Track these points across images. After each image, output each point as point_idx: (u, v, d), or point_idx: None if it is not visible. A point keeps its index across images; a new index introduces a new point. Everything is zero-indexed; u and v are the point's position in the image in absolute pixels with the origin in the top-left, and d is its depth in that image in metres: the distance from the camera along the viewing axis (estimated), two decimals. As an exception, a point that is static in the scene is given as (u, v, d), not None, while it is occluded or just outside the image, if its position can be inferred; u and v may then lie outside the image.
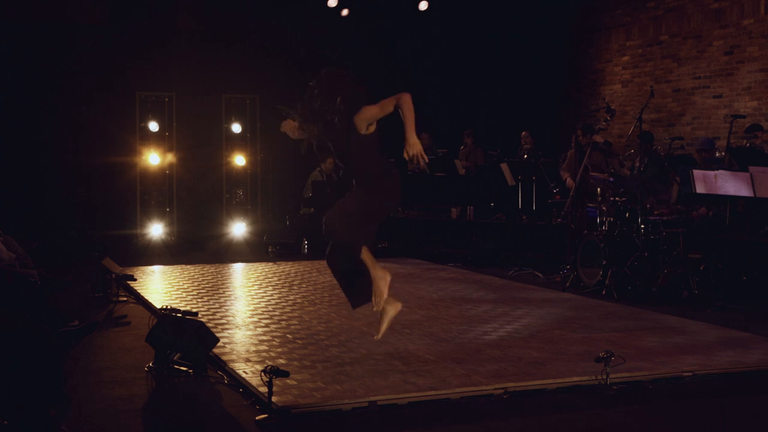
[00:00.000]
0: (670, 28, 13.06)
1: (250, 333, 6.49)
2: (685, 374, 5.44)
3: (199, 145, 12.93)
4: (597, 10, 14.48)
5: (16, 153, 12.07)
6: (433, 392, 4.92)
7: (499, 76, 14.61)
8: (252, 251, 11.99)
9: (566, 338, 6.38)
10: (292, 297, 8.13)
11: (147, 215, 12.57)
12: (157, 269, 10.04)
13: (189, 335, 5.44)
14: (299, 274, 9.62)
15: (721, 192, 7.99)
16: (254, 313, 7.33)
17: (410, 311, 7.41)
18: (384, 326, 5.44)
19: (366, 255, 5.32)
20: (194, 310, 6.24)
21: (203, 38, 13.02)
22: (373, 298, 5.42)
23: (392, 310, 5.42)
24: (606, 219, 8.75)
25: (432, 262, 10.92)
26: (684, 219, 8.72)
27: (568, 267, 9.07)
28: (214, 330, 5.93)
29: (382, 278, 5.35)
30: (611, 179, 8.80)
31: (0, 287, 6.32)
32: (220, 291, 8.47)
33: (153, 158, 12.59)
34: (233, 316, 7.16)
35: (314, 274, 9.47)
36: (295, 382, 4.99)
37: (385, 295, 5.36)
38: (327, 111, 5.16)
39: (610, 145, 9.63)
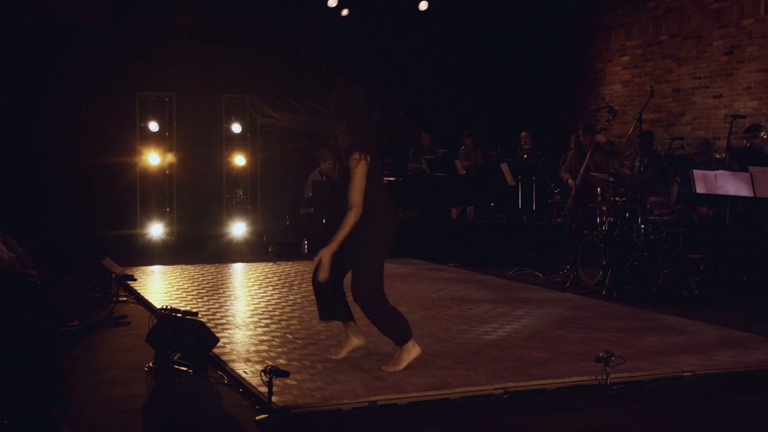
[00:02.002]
0: (670, 28, 13.06)
1: (250, 333, 6.49)
2: (685, 374, 5.44)
3: (199, 145, 12.93)
4: (597, 10, 14.48)
5: (16, 153, 12.07)
6: (433, 392, 4.92)
7: (499, 76, 14.61)
8: (252, 251, 12.00)
9: (566, 338, 6.38)
10: (292, 297, 8.13)
11: (147, 215, 12.58)
12: (157, 269, 10.04)
13: (189, 335, 5.44)
14: (299, 274, 9.63)
15: (721, 192, 7.98)
16: (254, 313, 7.33)
17: (410, 311, 7.41)
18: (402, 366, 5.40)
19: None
20: (194, 310, 6.24)
21: (203, 38, 13.02)
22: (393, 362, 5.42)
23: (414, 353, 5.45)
24: (606, 219, 8.75)
25: (432, 262, 10.92)
26: (684, 219, 8.72)
27: (568, 267, 9.06)
28: (214, 330, 5.93)
29: (412, 349, 5.41)
30: (611, 179, 8.79)
31: (0, 287, 6.32)
32: (220, 291, 8.47)
33: (153, 158, 12.59)
34: (233, 316, 7.16)
35: (314, 274, 9.46)
36: (295, 382, 4.99)
37: (403, 366, 5.36)
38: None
39: (613, 145, 9.62)
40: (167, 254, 11.61)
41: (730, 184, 7.95)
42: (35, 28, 12.24)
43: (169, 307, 5.94)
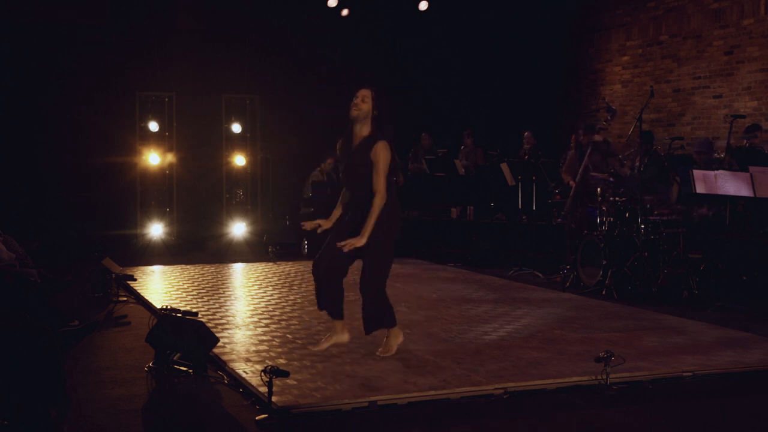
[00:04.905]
0: (670, 28, 13.06)
1: (250, 333, 6.49)
2: (685, 374, 5.44)
3: (199, 145, 12.93)
4: (597, 10, 14.48)
5: (16, 153, 12.07)
6: (433, 392, 4.92)
7: (499, 76, 14.61)
8: (252, 251, 11.99)
9: (566, 338, 6.38)
10: (292, 297, 8.13)
11: (147, 215, 12.58)
12: (157, 269, 10.04)
13: (189, 335, 5.44)
14: (299, 274, 9.62)
15: (721, 192, 7.98)
16: (254, 313, 7.33)
17: (410, 311, 7.41)
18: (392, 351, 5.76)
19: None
20: (194, 310, 6.24)
21: (203, 38, 13.02)
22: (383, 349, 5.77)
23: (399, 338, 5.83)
24: (606, 219, 8.75)
25: (432, 262, 10.92)
26: (684, 219, 8.72)
27: (568, 267, 9.06)
28: (214, 330, 5.93)
29: (397, 336, 5.78)
30: (611, 179, 8.79)
31: (0, 287, 6.32)
32: (220, 291, 8.47)
33: (153, 158, 12.60)
34: (233, 316, 7.15)
35: (314, 274, 9.46)
36: (295, 382, 4.99)
37: (393, 351, 5.73)
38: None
39: (609, 144, 9.63)
40: (167, 254, 11.61)
41: (730, 184, 7.95)
42: (35, 28, 12.24)
43: (169, 307, 5.93)
